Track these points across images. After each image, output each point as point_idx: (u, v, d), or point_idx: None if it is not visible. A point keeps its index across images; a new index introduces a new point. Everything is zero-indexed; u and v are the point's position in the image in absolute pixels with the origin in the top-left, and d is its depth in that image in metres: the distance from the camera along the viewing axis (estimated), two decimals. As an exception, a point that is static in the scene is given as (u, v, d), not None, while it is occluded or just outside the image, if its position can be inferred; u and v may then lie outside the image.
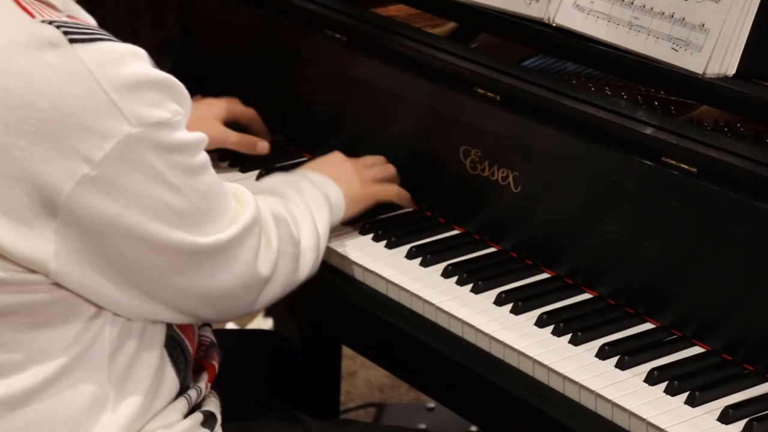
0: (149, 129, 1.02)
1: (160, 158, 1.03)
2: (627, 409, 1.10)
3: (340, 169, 1.36)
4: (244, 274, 1.13)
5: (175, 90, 1.06)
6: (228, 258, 1.11)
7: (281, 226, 1.19)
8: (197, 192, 1.07)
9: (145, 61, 1.04)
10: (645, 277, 1.24)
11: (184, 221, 1.07)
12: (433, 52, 1.44)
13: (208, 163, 1.10)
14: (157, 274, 1.08)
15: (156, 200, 1.04)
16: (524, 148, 1.34)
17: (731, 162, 1.17)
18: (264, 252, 1.15)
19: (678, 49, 1.27)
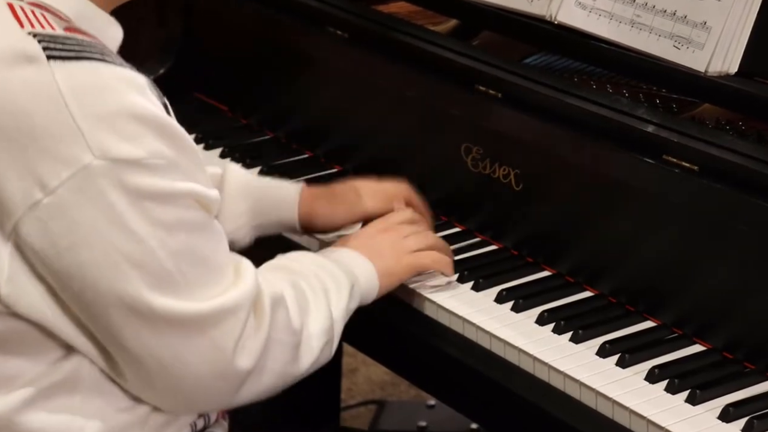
0: (115, 164, 0.93)
1: (123, 199, 0.94)
2: (627, 407, 1.10)
3: (371, 243, 1.23)
4: (215, 359, 0.99)
5: (165, 130, 0.96)
6: (195, 337, 0.98)
7: (278, 312, 1.05)
8: (166, 248, 0.96)
9: (135, 91, 0.95)
10: (646, 276, 1.24)
11: (144, 276, 0.96)
12: (435, 50, 1.43)
13: (200, 223, 0.99)
14: (109, 327, 0.97)
15: (110, 245, 0.94)
16: (526, 145, 1.34)
17: (733, 160, 1.17)
18: (248, 340, 1.02)
19: (680, 47, 1.27)
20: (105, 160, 0.93)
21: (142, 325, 0.97)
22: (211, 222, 1.01)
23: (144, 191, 0.95)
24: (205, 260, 0.99)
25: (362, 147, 1.55)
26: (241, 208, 1.29)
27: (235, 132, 1.68)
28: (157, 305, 0.97)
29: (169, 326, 0.98)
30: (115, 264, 0.95)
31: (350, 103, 1.55)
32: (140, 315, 0.97)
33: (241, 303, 1.01)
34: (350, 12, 1.53)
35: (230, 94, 1.72)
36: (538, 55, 1.45)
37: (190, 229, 0.98)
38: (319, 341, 1.10)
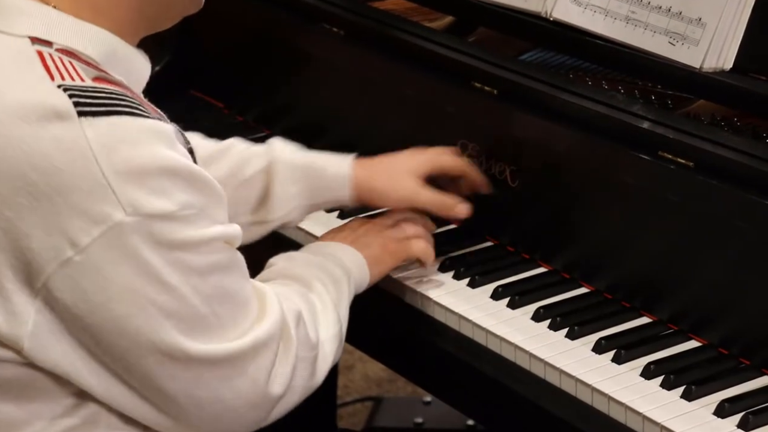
0: (146, 220, 0.93)
1: (155, 253, 0.94)
2: (623, 402, 1.10)
3: (357, 234, 1.25)
4: (251, 392, 1.01)
5: (192, 179, 0.96)
6: (232, 373, 1.00)
7: (300, 331, 1.07)
8: (200, 294, 0.97)
9: (163, 143, 0.95)
10: (642, 272, 1.24)
11: (179, 324, 0.96)
12: (431, 46, 1.43)
13: (228, 263, 0.99)
14: (145, 375, 0.98)
15: (145, 298, 0.95)
16: (521, 142, 1.34)
17: (728, 156, 1.17)
18: (280, 367, 1.04)
19: (675, 43, 1.27)
20: (136, 216, 0.93)
21: (180, 369, 0.98)
22: (236, 257, 1.02)
23: (176, 243, 0.95)
24: (235, 298, 1.00)
25: (358, 144, 1.54)
26: (293, 191, 1.30)
27: (231, 129, 1.67)
28: (194, 351, 0.97)
29: (206, 369, 0.99)
30: (150, 316, 0.96)
31: (346, 100, 1.55)
32: (178, 361, 0.97)
33: (273, 333, 1.02)
34: (346, 9, 1.53)
35: (226, 91, 1.72)
36: (533, 51, 1.45)
37: (220, 270, 0.99)
38: (332, 346, 1.12)
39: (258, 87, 1.66)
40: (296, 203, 1.30)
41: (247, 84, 1.68)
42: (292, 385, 1.05)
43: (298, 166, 1.30)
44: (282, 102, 1.64)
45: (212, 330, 0.98)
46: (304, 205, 1.30)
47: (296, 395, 1.07)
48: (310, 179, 1.30)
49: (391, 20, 1.50)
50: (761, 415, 1.08)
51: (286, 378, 1.04)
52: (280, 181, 1.29)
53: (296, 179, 1.30)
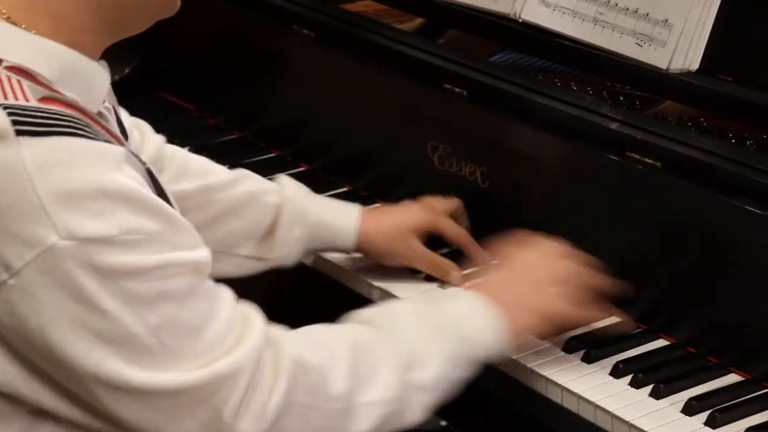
0: (82, 244, 0.88)
1: (91, 279, 0.89)
2: (593, 402, 1.11)
3: (511, 279, 1.11)
4: (214, 425, 0.94)
5: (141, 204, 0.91)
6: (190, 403, 0.94)
7: (302, 377, 0.97)
8: (145, 324, 0.91)
9: (108, 166, 0.90)
10: (610, 271, 1.25)
11: (121, 352, 0.91)
12: (401, 48, 1.44)
13: (185, 291, 0.93)
14: (93, 400, 0.94)
15: (81, 325, 0.90)
16: (491, 143, 1.34)
17: (695, 156, 1.18)
18: (255, 404, 0.95)
19: (642, 45, 1.28)
20: (71, 239, 0.89)
21: (128, 398, 0.93)
22: (202, 285, 0.96)
23: (117, 270, 0.91)
24: (195, 328, 0.94)
25: (329, 146, 1.55)
26: (297, 235, 1.29)
27: (202, 131, 1.67)
28: (136, 380, 0.93)
29: (157, 398, 0.94)
30: (86, 343, 0.91)
31: (317, 101, 1.55)
32: (122, 390, 0.93)
33: (241, 366, 0.95)
34: (317, 11, 1.53)
35: (196, 93, 1.71)
36: (503, 53, 1.45)
37: (174, 299, 0.93)
38: (382, 410, 1.00)
39: (229, 89, 1.66)
40: (298, 247, 1.29)
41: (217, 86, 1.67)
42: (282, 428, 0.97)
43: (305, 210, 1.29)
44: (253, 104, 1.63)
45: (160, 359, 0.93)
46: (305, 249, 1.30)
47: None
48: (315, 227, 1.29)
49: (362, 22, 1.51)
50: (728, 412, 1.09)
51: (264, 417, 0.96)
52: (286, 222, 1.28)
53: (302, 224, 1.29)
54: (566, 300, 1.13)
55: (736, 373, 1.15)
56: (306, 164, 1.57)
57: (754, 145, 1.22)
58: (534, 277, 1.13)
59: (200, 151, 1.60)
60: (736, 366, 1.15)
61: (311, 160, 1.56)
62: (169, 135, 1.65)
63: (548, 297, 1.12)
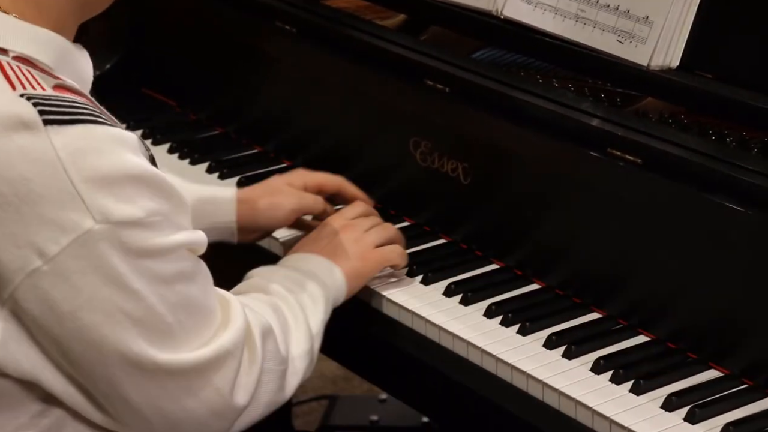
0: (115, 227, 0.93)
1: (123, 261, 0.94)
2: (573, 397, 1.12)
3: (334, 243, 1.24)
4: (215, 402, 1.01)
5: (157, 186, 0.96)
6: (197, 382, 0.99)
7: (268, 343, 1.06)
8: (166, 302, 0.96)
9: (128, 151, 0.95)
10: (591, 267, 1.25)
11: (145, 333, 0.96)
12: (383, 44, 1.44)
13: (193, 271, 0.99)
14: (111, 384, 0.98)
15: (113, 306, 0.94)
16: (473, 139, 1.35)
17: (675, 153, 1.18)
18: (244, 377, 1.03)
19: (623, 42, 1.28)
20: (106, 223, 0.93)
21: (146, 379, 0.97)
22: (200, 265, 1.01)
23: (144, 250, 0.95)
24: (199, 306, 1.00)
25: (312, 142, 1.55)
26: None
27: (184, 127, 1.67)
28: (161, 360, 0.97)
29: (171, 378, 0.98)
30: (117, 324, 0.95)
31: (299, 98, 1.55)
32: (144, 370, 0.97)
33: (237, 343, 1.01)
34: (299, 7, 1.53)
35: (178, 89, 1.71)
36: (485, 49, 1.46)
37: (185, 278, 0.98)
38: (303, 363, 1.11)
39: (211, 85, 1.65)
40: None
41: (199, 82, 1.67)
42: (257, 397, 1.05)
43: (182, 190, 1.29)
44: (235, 100, 1.63)
45: (178, 339, 0.98)
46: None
47: (260, 408, 1.06)
48: (195, 202, 1.27)
49: (344, 18, 1.50)
50: (707, 408, 1.09)
51: (250, 388, 1.03)
52: None
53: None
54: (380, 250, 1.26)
55: (716, 369, 1.15)
56: (288, 160, 1.56)
57: (734, 142, 1.23)
58: (351, 237, 1.25)
59: (182, 147, 1.60)
60: (715, 362, 1.16)
61: (293, 157, 1.56)
62: (151, 131, 1.66)
63: (365, 246, 1.25)
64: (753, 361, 1.13)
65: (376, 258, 1.25)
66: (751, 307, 1.13)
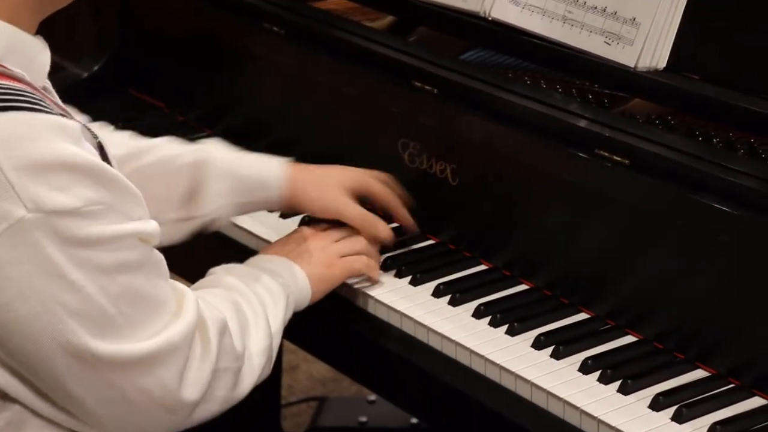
0: (49, 216, 0.91)
1: (59, 250, 0.91)
2: (561, 397, 1.12)
3: (302, 248, 1.24)
4: (163, 396, 0.99)
5: (99, 176, 0.94)
6: (142, 375, 0.97)
7: (224, 339, 1.05)
8: (107, 293, 0.94)
9: (66, 139, 0.92)
10: (580, 268, 1.26)
11: (85, 324, 0.94)
12: (372, 46, 1.44)
13: (138, 262, 0.97)
14: (53, 376, 0.95)
15: (49, 297, 0.92)
16: (462, 140, 1.35)
17: (663, 154, 1.19)
18: (194, 372, 1.01)
19: (611, 43, 1.29)
20: (39, 212, 0.91)
21: (87, 371, 0.96)
22: (151, 255, 1.00)
23: (81, 240, 0.93)
24: (146, 298, 0.98)
25: (300, 143, 1.55)
26: (223, 188, 1.28)
27: (172, 129, 1.66)
28: (102, 351, 0.95)
29: (113, 370, 0.97)
30: (54, 315, 0.93)
31: (288, 99, 1.55)
32: (84, 362, 0.95)
33: (185, 335, 1.00)
34: (287, 8, 1.53)
35: (166, 90, 1.70)
36: (473, 51, 1.46)
37: (130, 269, 0.96)
38: (260, 360, 1.10)
39: (198, 86, 1.65)
40: (225, 200, 1.28)
41: (187, 83, 1.67)
42: (212, 393, 1.03)
43: (229, 163, 1.29)
44: (223, 101, 1.63)
45: (120, 330, 0.96)
46: (233, 203, 1.29)
47: (216, 404, 1.05)
48: (241, 177, 1.29)
49: (332, 20, 1.51)
50: (694, 407, 1.10)
51: (201, 384, 1.02)
52: (210, 176, 1.28)
53: (227, 176, 1.28)
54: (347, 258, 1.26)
55: (703, 369, 1.16)
56: (276, 162, 1.56)
57: (721, 143, 1.23)
58: (318, 245, 1.26)
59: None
60: (702, 361, 1.16)
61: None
62: (139, 132, 1.64)
63: (331, 253, 1.26)
64: (739, 361, 1.13)
65: (341, 266, 1.25)
66: (738, 307, 1.13)
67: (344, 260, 1.26)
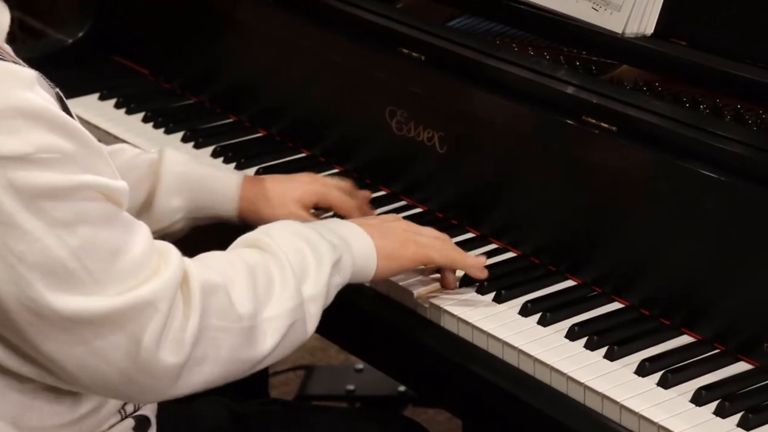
0: (1, 162, 0.88)
1: (11, 198, 0.88)
2: (548, 364, 1.12)
3: (381, 224, 1.18)
4: (137, 356, 0.94)
5: (56, 124, 0.90)
6: (112, 333, 0.93)
7: (213, 298, 0.99)
8: (66, 246, 0.90)
9: (21, 86, 0.89)
10: (565, 235, 1.26)
11: (44, 278, 0.90)
12: (359, 12, 1.43)
13: (102, 215, 0.93)
14: (19, 332, 0.93)
15: (5, 248, 0.89)
16: (449, 108, 1.34)
17: (650, 120, 1.19)
18: (174, 333, 0.96)
19: (598, 9, 1.28)
20: None
21: (52, 328, 0.92)
22: (118, 214, 0.96)
23: (35, 188, 0.90)
24: (115, 253, 0.94)
25: (287, 110, 1.54)
26: (176, 204, 1.26)
27: (157, 96, 1.65)
28: (61, 306, 0.92)
29: (80, 326, 0.93)
30: (10, 267, 0.90)
31: (274, 66, 1.53)
32: (47, 319, 0.92)
33: (161, 294, 0.95)
34: (273, -26, 1.52)
35: (151, 57, 1.69)
36: (461, 18, 1.45)
37: (91, 222, 0.92)
38: (284, 322, 1.04)
39: (183, 53, 1.64)
40: (179, 216, 1.27)
41: (172, 50, 1.65)
42: (207, 354, 0.99)
43: (184, 178, 1.27)
44: (209, 68, 1.62)
45: (83, 285, 0.92)
46: (186, 218, 1.27)
47: (220, 365, 1.00)
48: (195, 192, 1.26)
49: (319, -14, 1.49)
50: (679, 372, 1.10)
51: (184, 345, 0.96)
52: (163, 191, 1.25)
53: (181, 191, 1.26)
54: (425, 243, 1.19)
55: (688, 335, 1.16)
56: (263, 130, 1.56)
57: (707, 109, 1.23)
58: (401, 226, 1.20)
59: (156, 116, 1.58)
60: (687, 327, 1.17)
61: (268, 126, 1.55)
62: (124, 99, 1.64)
63: (410, 235, 1.19)
64: (724, 326, 1.14)
65: (416, 250, 1.17)
66: (723, 273, 1.13)
67: (421, 245, 1.18)
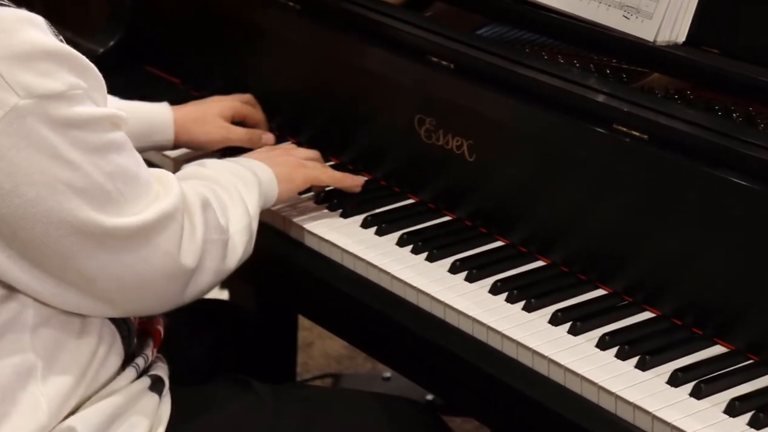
0: (40, 101, 0.97)
1: (54, 132, 0.98)
2: (579, 373, 1.12)
3: (270, 154, 1.34)
4: (165, 263, 1.07)
5: (74, 62, 1.00)
6: (144, 245, 1.05)
7: (208, 213, 1.13)
8: (102, 172, 1.01)
9: (39, 29, 0.99)
10: (597, 244, 1.25)
11: (89, 200, 1.01)
12: (388, 21, 1.43)
13: (121, 143, 1.04)
14: (63, 257, 1.02)
15: (53, 178, 0.99)
16: (478, 116, 1.34)
17: (681, 129, 1.18)
18: (188, 241, 1.10)
19: (629, 17, 1.28)
20: (30, 98, 0.97)
21: (96, 246, 1.02)
22: (126, 139, 1.06)
23: (71, 121, 0.99)
24: (135, 175, 1.05)
25: (315, 119, 1.54)
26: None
27: (187, 105, 1.66)
28: (108, 224, 1.02)
29: (119, 242, 1.03)
30: (60, 194, 0.99)
31: (303, 74, 1.54)
32: (93, 237, 1.02)
33: (177, 206, 1.08)
34: (302, -17, 1.53)
35: (182, 66, 1.70)
36: (490, 26, 1.45)
37: (116, 149, 1.03)
38: (242, 237, 1.18)
39: (213, 62, 1.65)
40: None
41: (202, 59, 1.66)
42: (205, 264, 1.11)
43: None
44: (238, 77, 1.62)
45: (120, 205, 1.03)
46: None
47: (210, 276, 1.13)
48: (138, 124, 1.36)
49: (348, -6, 1.50)
50: (713, 383, 1.09)
51: (196, 250, 1.10)
52: None
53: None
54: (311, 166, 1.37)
55: (721, 345, 1.15)
56: (292, 137, 1.56)
57: (740, 117, 1.22)
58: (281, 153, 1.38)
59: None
60: (720, 337, 1.16)
61: (297, 134, 1.56)
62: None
63: (297, 160, 1.36)
64: (758, 336, 1.13)
65: (306, 171, 1.34)
66: (756, 282, 1.12)
67: (309, 168, 1.34)
